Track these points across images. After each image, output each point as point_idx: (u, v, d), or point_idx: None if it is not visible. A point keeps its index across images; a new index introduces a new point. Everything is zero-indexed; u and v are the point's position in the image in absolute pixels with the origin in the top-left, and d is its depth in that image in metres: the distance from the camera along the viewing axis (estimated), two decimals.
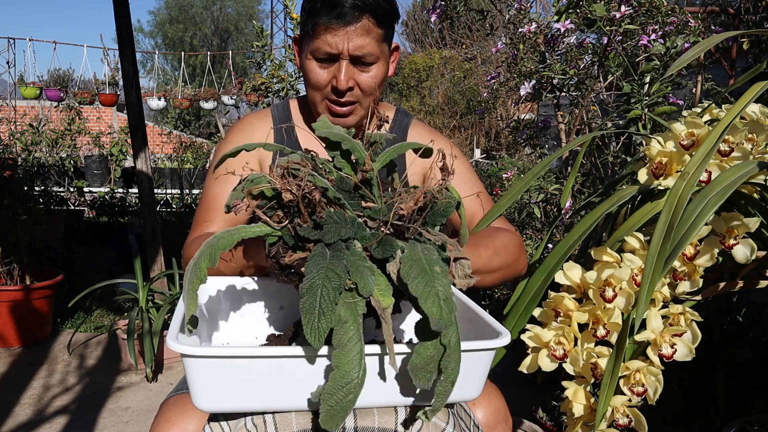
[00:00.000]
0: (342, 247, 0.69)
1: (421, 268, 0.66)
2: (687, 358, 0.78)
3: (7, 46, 8.94)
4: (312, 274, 0.64)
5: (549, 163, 1.07)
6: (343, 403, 0.62)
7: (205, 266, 0.70)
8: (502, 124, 6.80)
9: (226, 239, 0.70)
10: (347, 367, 0.63)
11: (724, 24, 2.78)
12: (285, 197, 0.70)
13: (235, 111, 8.50)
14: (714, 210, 0.72)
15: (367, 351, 0.71)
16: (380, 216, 0.73)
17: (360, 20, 1.07)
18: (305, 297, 0.62)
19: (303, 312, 0.62)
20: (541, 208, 2.20)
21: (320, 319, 0.61)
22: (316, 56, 1.11)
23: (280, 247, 0.73)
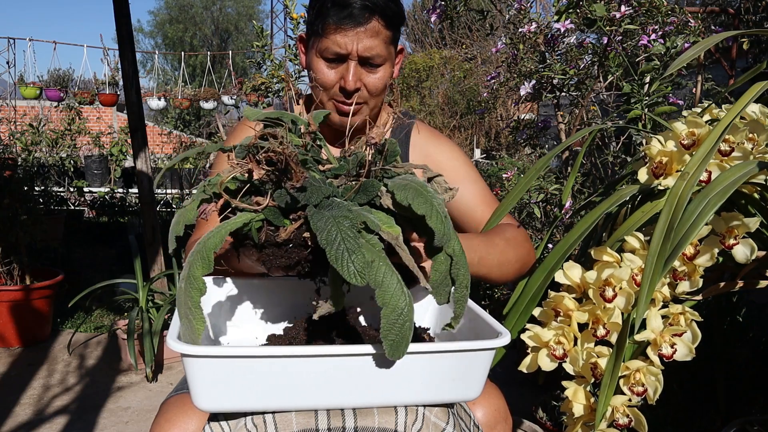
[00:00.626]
0: (327, 203, 0.68)
1: (415, 190, 0.68)
2: (687, 358, 0.78)
3: (7, 46, 8.95)
4: (322, 226, 0.63)
5: (551, 157, 1.07)
6: (402, 333, 0.65)
7: (200, 274, 0.67)
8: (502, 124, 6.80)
9: (214, 238, 0.68)
10: (393, 300, 0.64)
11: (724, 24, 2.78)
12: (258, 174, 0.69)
13: (235, 111, 8.50)
14: (714, 210, 0.72)
15: (366, 351, 0.71)
16: (343, 171, 0.74)
17: (370, 21, 1.07)
18: (329, 248, 0.62)
19: (333, 260, 0.62)
20: (541, 208, 2.20)
21: (351, 258, 0.62)
22: (324, 56, 1.11)
23: (267, 230, 0.71)
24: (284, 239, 0.70)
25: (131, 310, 2.71)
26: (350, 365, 0.72)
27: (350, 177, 0.75)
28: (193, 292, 0.67)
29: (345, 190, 0.72)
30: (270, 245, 0.71)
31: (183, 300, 0.69)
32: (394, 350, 0.65)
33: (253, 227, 0.70)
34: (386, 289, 0.64)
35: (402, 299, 0.64)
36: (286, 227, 0.70)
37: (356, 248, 0.62)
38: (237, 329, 0.98)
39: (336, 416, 0.78)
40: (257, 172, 0.69)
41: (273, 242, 0.71)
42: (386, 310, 0.64)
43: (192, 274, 0.67)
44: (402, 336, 0.65)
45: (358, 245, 0.62)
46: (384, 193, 0.71)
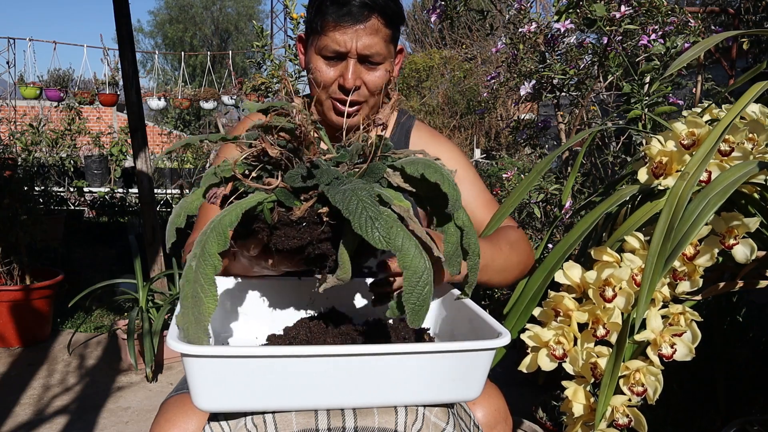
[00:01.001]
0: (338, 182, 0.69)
1: (424, 163, 0.70)
2: (687, 358, 0.78)
3: (7, 46, 8.95)
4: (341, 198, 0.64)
5: (552, 159, 1.07)
6: (423, 296, 0.66)
7: (216, 250, 0.66)
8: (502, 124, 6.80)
9: (230, 215, 0.68)
10: (413, 263, 0.65)
11: (724, 24, 2.78)
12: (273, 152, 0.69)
13: (235, 111, 8.50)
14: (714, 210, 0.73)
15: (367, 351, 0.71)
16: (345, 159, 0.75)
17: (369, 19, 1.07)
18: (353, 216, 0.63)
19: (358, 228, 0.63)
20: (541, 208, 2.20)
21: (375, 225, 0.63)
22: (323, 54, 1.11)
23: (279, 210, 0.71)
24: (299, 216, 0.70)
25: (131, 310, 2.71)
26: (350, 365, 0.72)
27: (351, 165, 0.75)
28: (207, 269, 0.66)
29: (350, 175, 0.73)
30: (283, 225, 0.71)
31: (192, 278, 0.67)
32: (415, 315, 0.66)
33: (265, 207, 0.70)
34: (406, 253, 0.65)
35: (421, 261, 0.65)
36: (299, 206, 0.70)
37: (378, 215, 0.63)
38: (237, 329, 0.98)
39: (336, 416, 0.78)
40: (272, 150, 0.70)
41: (286, 221, 0.71)
42: (407, 273, 0.65)
43: (207, 251, 0.66)
44: (423, 300, 0.66)
45: (380, 212, 0.64)
46: (391, 173, 0.73)
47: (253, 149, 0.72)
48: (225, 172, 0.72)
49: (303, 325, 0.91)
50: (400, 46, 1.21)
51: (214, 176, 0.73)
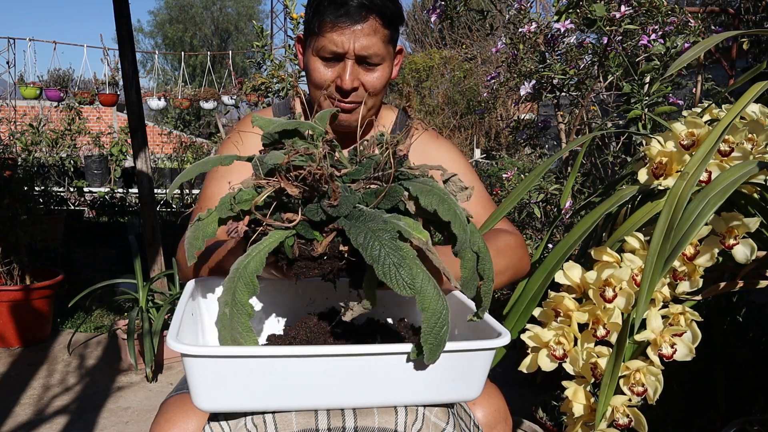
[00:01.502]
0: (357, 213, 0.70)
1: (438, 196, 0.71)
2: (687, 358, 0.78)
3: (7, 46, 8.95)
4: (364, 242, 0.65)
5: (550, 164, 1.07)
6: (440, 337, 0.67)
7: (247, 299, 0.69)
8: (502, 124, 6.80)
9: (254, 262, 0.69)
10: (432, 305, 0.66)
11: (724, 24, 2.78)
12: (292, 191, 0.70)
13: (235, 111, 8.50)
14: (714, 210, 0.73)
15: (367, 351, 0.71)
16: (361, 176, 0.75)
17: (367, 20, 1.07)
18: (376, 264, 0.64)
19: (382, 276, 0.64)
20: (541, 208, 2.21)
21: (399, 272, 0.64)
22: (320, 55, 1.10)
23: (298, 244, 0.72)
24: (320, 253, 0.71)
25: (131, 310, 2.71)
26: (350, 365, 0.72)
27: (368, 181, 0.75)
28: (243, 318, 0.69)
29: (366, 195, 0.73)
30: (304, 259, 0.72)
31: (228, 326, 0.70)
32: (432, 354, 0.68)
33: (287, 244, 0.72)
34: (425, 295, 0.66)
35: (440, 303, 0.67)
36: (320, 241, 0.71)
37: (402, 261, 0.64)
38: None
39: (336, 416, 0.78)
40: (291, 189, 0.70)
41: (308, 256, 0.72)
42: (426, 315, 0.66)
43: (239, 301, 0.69)
44: (440, 340, 0.67)
45: (403, 258, 0.65)
46: (407, 199, 0.73)
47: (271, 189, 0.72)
48: (242, 205, 0.73)
49: (303, 325, 0.91)
50: (400, 46, 1.20)
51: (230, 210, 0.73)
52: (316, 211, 0.70)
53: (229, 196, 0.74)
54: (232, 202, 0.73)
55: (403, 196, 0.73)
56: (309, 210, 0.71)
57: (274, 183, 0.71)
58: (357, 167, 0.76)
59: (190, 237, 0.75)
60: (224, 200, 0.74)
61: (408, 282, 0.64)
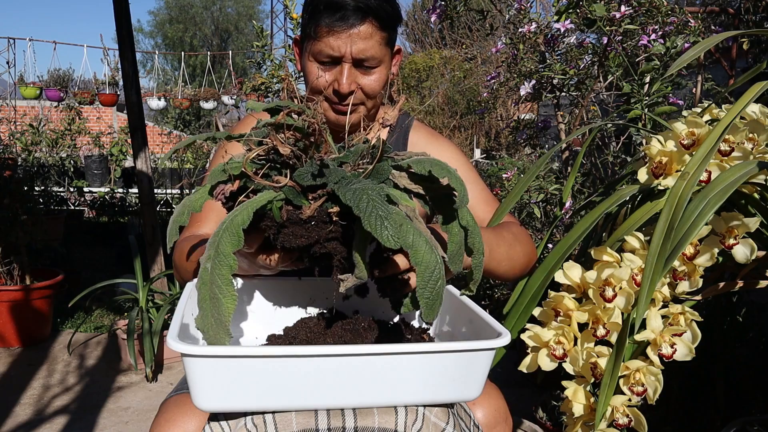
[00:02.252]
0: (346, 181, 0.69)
1: (430, 161, 0.72)
2: (687, 357, 0.78)
3: (7, 46, 8.95)
4: (352, 197, 0.65)
5: (551, 155, 1.07)
6: (436, 290, 0.67)
7: (230, 250, 0.67)
8: (502, 124, 6.80)
9: (241, 214, 0.68)
10: (425, 258, 0.66)
11: (724, 24, 2.78)
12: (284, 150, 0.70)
13: (235, 111, 8.49)
14: (714, 210, 0.73)
15: (367, 351, 0.71)
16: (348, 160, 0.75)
17: (363, 23, 1.06)
18: (363, 216, 0.64)
19: (368, 226, 0.64)
20: (541, 208, 2.21)
21: (385, 223, 0.64)
22: (317, 59, 1.10)
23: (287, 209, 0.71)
24: (309, 216, 0.70)
25: (131, 310, 2.71)
26: (350, 365, 0.72)
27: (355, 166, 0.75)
28: (224, 269, 0.67)
29: (354, 176, 0.73)
30: (292, 223, 0.71)
31: (209, 279, 0.67)
32: (429, 309, 0.67)
33: (275, 205, 0.71)
34: (417, 249, 0.66)
35: (433, 256, 0.66)
36: (308, 205, 0.70)
37: (388, 213, 0.64)
38: (237, 329, 0.98)
39: (336, 416, 0.78)
40: (283, 148, 0.70)
41: (296, 220, 0.71)
42: (420, 269, 0.66)
43: (222, 251, 0.67)
44: (437, 294, 0.67)
45: (389, 211, 0.64)
46: (397, 175, 0.73)
47: (264, 147, 0.71)
48: (234, 169, 0.72)
49: (303, 325, 0.91)
50: (398, 46, 1.20)
51: (223, 173, 0.73)
52: (305, 175, 0.70)
53: (221, 164, 0.74)
54: (225, 167, 0.73)
55: (392, 174, 0.73)
56: (299, 174, 0.70)
57: (267, 142, 0.71)
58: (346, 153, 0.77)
59: (175, 213, 0.75)
60: (216, 169, 0.74)
61: (393, 234, 0.63)
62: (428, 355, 0.73)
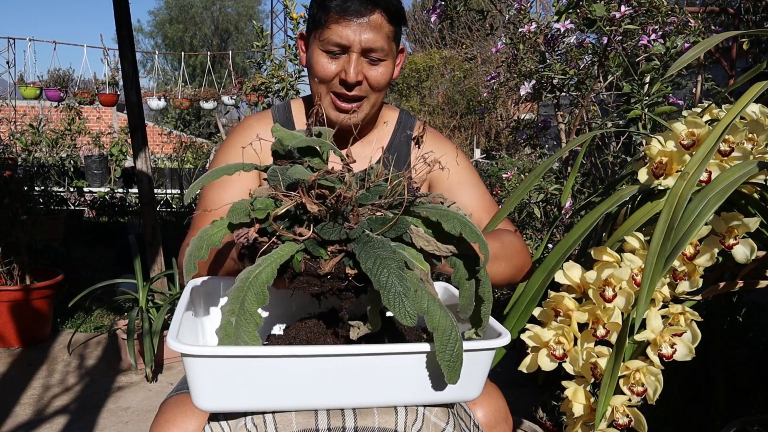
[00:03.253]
0: (365, 238, 0.71)
1: (459, 221, 0.73)
2: (687, 357, 0.78)
3: (7, 46, 8.95)
4: (373, 268, 0.67)
5: (549, 164, 1.07)
6: (456, 352, 0.69)
7: (255, 309, 0.70)
8: (502, 124, 6.80)
9: (265, 272, 0.70)
10: (441, 323, 0.68)
11: (724, 24, 2.77)
12: (311, 209, 0.71)
13: (235, 111, 8.50)
14: (713, 210, 0.72)
15: (367, 351, 0.71)
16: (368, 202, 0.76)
17: (372, 14, 1.07)
18: (383, 292, 0.66)
19: (388, 303, 0.66)
20: (541, 208, 2.21)
21: (404, 300, 0.66)
22: (325, 48, 1.10)
23: (306, 260, 0.73)
24: (326, 272, 0.72)
25: (131, 310, 2.71)
26: (350, 365, 0.72)
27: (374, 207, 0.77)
28: (250, 326, 0.70)
29: (371, 222, 0.74)
30: (308, 275, 0.73)
31: (234, 334, 0.70)
32: (452, 372, 0.69)
33: (296, 258, 0.73)
34: (432, 315, 0.68)
35: (448, 320, 0.69)
36: (327, 259, 0.72)
37: (407, 291, 0.66)
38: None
39: (336, 416, 0.78)
40: (311, 207, 0.71)
41: (313, 273, 0.73)
42: (437, 333, 0.68)
43: (248, 309, 0.69)
44: (457, 355, 0.69)
45: (408, 288, 0.66)
46: (414, 232, 0.75)
47: (293, 202, 0.72)
48: (258, 213, 0.73)
49: (303, 325, 0.90)
50: (402, 45, 1.20)
51: (246, 216, 0.74)
52: (330, 231, 0.71)
53: (246, 202, 0.74)
54: (250, 208, 0.74)
55: (409, 230, 0.74)
56: (322, 228, 0.72)
57: (296, 197, 0.72)
58: (365, 192, 0.77)
59: (193, 247, 0.75)
60: (238, 207, 0.74)
61: (410, 312, 0.65)
62: (428, 355, 0.73)
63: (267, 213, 0.74)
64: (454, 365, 0.69)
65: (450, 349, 0.69)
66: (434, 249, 0.74)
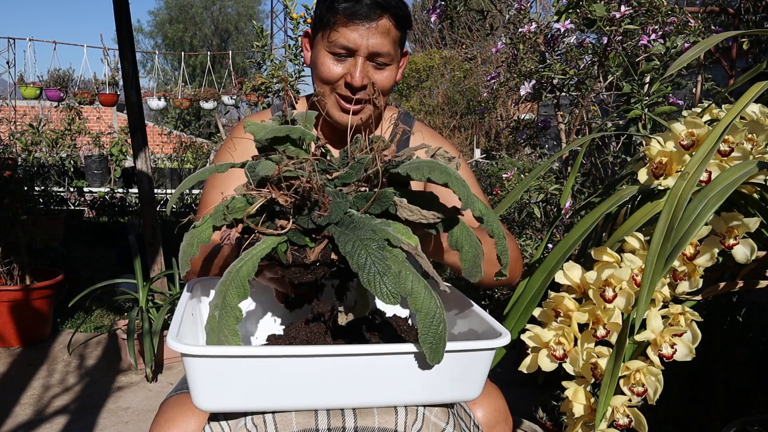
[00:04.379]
0: (348, 220, 0.70)
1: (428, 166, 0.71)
2: (687, 358, 0.78)
3: (7, 46, 8.94)
4: (351, 250, 0.66)
5: (547, 166, 1.07)
6: (438, 334, 0.68)
7: (237, 302, 0.69)
8: (502, 124, 6.80)
9: (246, 266, 0.70)
10: (425, 304, 0.67)
11: (724, 24, 2.77)
12: (284, 201, 0.70)
13: (235, 111, 8.49)
14: (713, 210, 0.72)
15: (367, 351, 0.71)
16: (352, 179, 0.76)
17: (381, 19, 1.07)
18: (361, 272, 0.65)
19: (367, 284, 0.64)
20: (541, 208, 2.21)
21: (383, 280, 0.64)
22: (331, 50, 1.10)
23: (291, 251, 0.73)
24: (312, 260, 0.72)
25: (131, 310, 2.71)
26: (350, 365, 0.72)
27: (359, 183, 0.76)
28: (230, 321, 0.69)
29: (357, 200, 0.74)
30: (297, 266, 0.73)
31: (217, 328, 0.70)
32: (434, 353, 0.68)
33: (280, 250, 0.72)
34: (416, 296, 0.67)
35: (433, 302, 0.67)
36: (312, 248, 0.72)
37: (386, 270, 0.65)
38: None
39: (336, 416, 0.78)
40: (282, 200, 0.70)
41: (300, 263, 0.73)
42: (420, 315, 0.67)
43: (228, 303, 0.69)
44: (439, 337, 0.68)
45: (388, 267, 0.65)
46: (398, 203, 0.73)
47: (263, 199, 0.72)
48: (235, 213, 0.73)
49: (303, 325, 0.90)
50: (405, 49, 1.20)
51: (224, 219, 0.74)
52: (306, 220, 0.71)
53: (222, 205, 0.75)
54: (225, 211, 0.74)
55: (393, 200, 0.73)
56: (300, 218, 0.72)
57: (266, 193, 0.72)
58: (348, 170, 0.77)
59: (184, 244, 0.76)
60: (218, 209, 0.75)
61: (391, 291, 0.64)
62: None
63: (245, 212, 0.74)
64: (436, 347, 0.68)
65: (433, 330, 0.67)
66: (419, 218, 0.72)
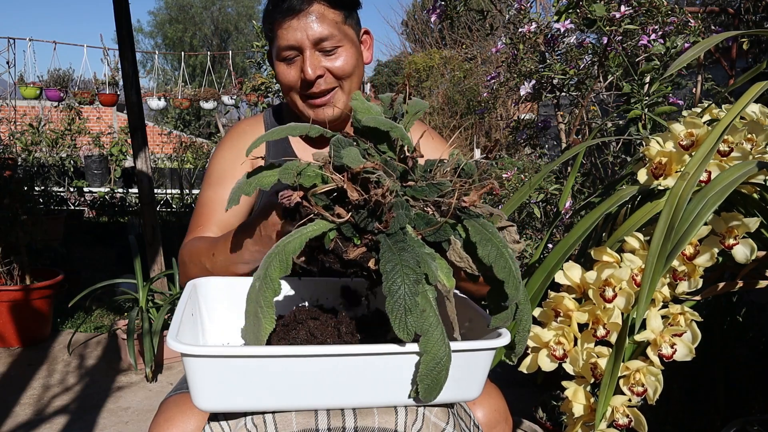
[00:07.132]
0: (399, 236, 0.70)
1: (497, 249, 0.70)
2: (687, 358, 0.78)
3: (7, 46, 8.93)
4: (389, 272, 0.66)
5: (550, 169, 1.07)
6: (437, 380, 0.69)
7: (277, 275, 0.69)
8: (502, 124, 6.80)
9: (293, 243, 0.70)
10: (434, 349, 0.67)
11: (724, 24, 2.77)
12: (351, 197, 0.70)
13: (235, 111, 8.49)
14: (713, 210, 0.72)
15: (367, 351, 0.71)
16: (422, 196, 0.75)
17: (311, 6, 1.07)
18: (390, 298, 0.65)
19: (389, 311, 0.65)
20: (541, 208, 2.20)
21: (407, 316, 0.65)
22: (280, 57, 1.11)
23: (339, 240, 0.72)
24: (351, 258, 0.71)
25: (131, 310, 2.71)
26: (350, 365, 0.72)
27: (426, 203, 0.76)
28: (268, 292, 0.70)
29: (418, 217, 0.73)
30: (335, 254, 0.73)
31: (254, 298, 0.71)
32: (427, 394, 0.69)
33: (328, 237, 0.72)
34: (430, 338, 0.67)
35: (443, 350, 0.68)
36: (356, 245, 0.72)
37: (413, 307, 0.65)
38: (237, 329, 0.98)
39: (336, 416, 0.78)
40: (351, 194, 0.70)
41: (339, 254, 0.73)
42: (426, 357, 0.68)
43: (269, 275, 0.69)
44: (437, 382, 0.69)
45: (416, 304, 0.65)
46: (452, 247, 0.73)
47: (334, 185, 0.72)
48: (303, 180, 0.73)
49: (303, 325, 0.90)
50: (365, 28, 1.20)
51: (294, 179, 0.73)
52: (364, 221, 0.71)
53: (296, 165, 0.74)
54: (297, 173, 0.73)
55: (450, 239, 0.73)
56: (358, 215, 0.71)
57: (339, 181, 0.72)
58: (423, 187, 0.76)
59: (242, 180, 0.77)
60: (290, 166, 0.74)
61: (409, 328, 0.65)
62: None
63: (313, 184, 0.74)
64: (432, 390, 0.69)
65: (434, 375, 0.68)
66: (466, 267, 0.73)
